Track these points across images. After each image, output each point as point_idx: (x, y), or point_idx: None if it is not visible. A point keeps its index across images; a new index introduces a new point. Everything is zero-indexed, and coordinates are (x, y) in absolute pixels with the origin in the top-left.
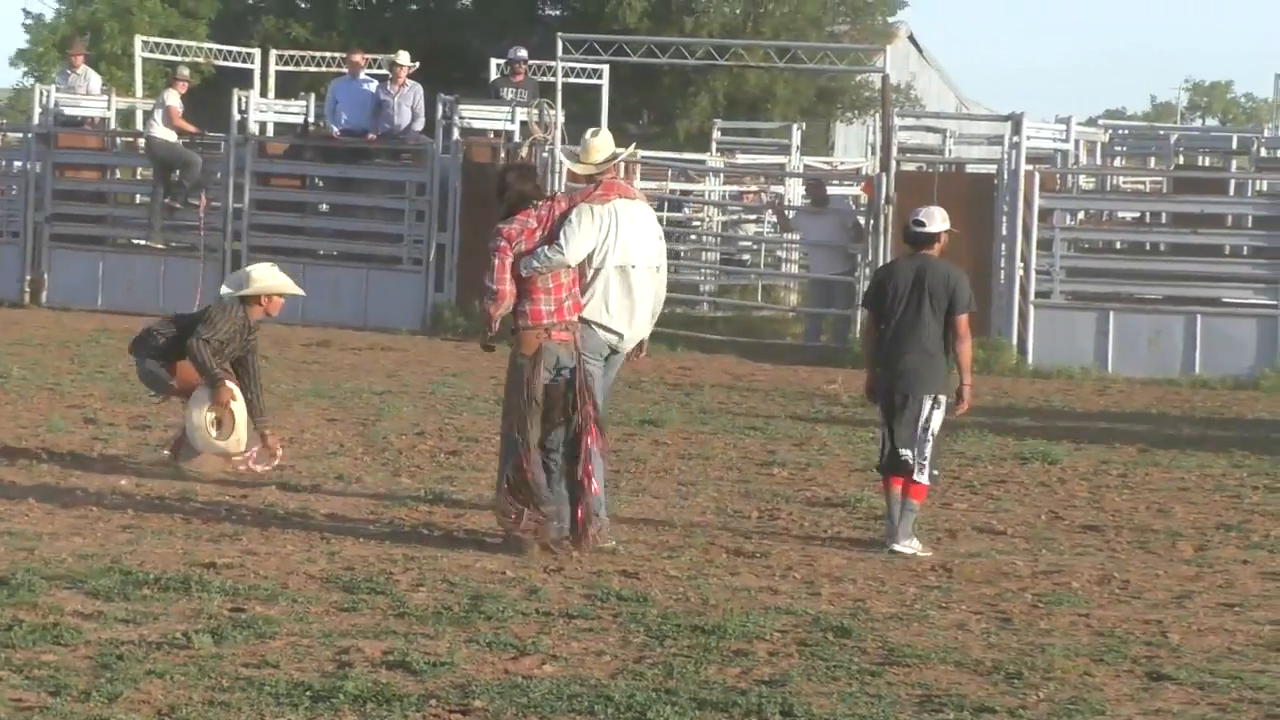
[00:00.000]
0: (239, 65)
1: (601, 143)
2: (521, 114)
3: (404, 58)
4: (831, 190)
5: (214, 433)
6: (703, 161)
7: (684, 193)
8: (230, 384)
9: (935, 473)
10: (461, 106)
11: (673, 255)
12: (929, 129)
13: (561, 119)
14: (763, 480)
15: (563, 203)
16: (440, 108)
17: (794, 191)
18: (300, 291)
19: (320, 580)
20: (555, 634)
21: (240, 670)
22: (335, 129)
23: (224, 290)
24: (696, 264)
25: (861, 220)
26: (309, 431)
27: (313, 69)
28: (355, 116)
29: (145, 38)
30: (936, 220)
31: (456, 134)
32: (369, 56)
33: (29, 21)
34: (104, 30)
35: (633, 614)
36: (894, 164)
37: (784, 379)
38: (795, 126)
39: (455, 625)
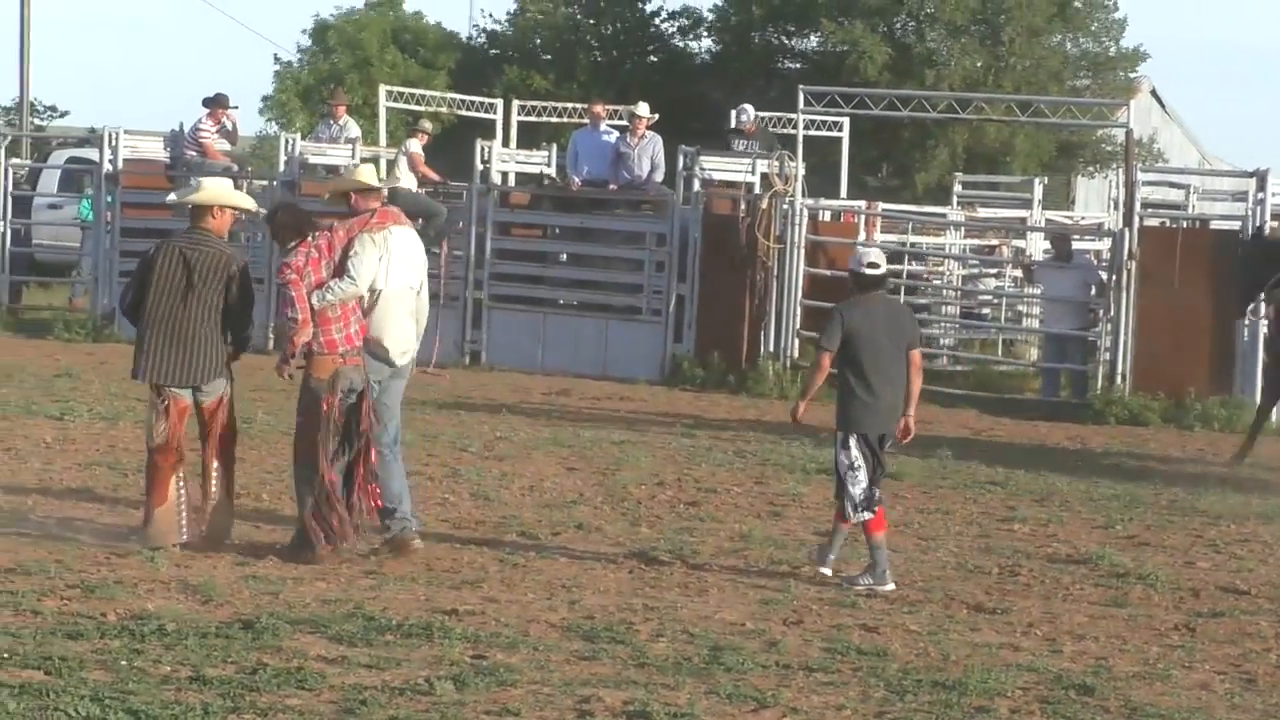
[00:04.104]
0: (481, 115)
1: (367, 169)
2: (762, 166)
3: (644, 109)
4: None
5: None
6: (943, 215)
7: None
8: None
9: None
10: (702, 158)
11: (911, 307)
12: (1172, 184)
13: (802, 171)
14: (1003, 536)
15: (340, 233)
16: (681, 159)
17: (1034, 245)
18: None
19: (561, 629)
20: (795, 687)
21: (482, 717)
22: (576, 179)
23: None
24: (936, 318)
25: (1104, 276)
26: (549, 480)
27: (553, 119)
28: (596, 167)
29: (389, 87)
30: (884, 261)
31: (697, 185)
32: (609, 107)
33: (278, 69)
34: (345, 81)
35: (872, 668)
36: (1137, 219)
37: (1023, 434)
38: (1037, 180)
39: (695, 676)
